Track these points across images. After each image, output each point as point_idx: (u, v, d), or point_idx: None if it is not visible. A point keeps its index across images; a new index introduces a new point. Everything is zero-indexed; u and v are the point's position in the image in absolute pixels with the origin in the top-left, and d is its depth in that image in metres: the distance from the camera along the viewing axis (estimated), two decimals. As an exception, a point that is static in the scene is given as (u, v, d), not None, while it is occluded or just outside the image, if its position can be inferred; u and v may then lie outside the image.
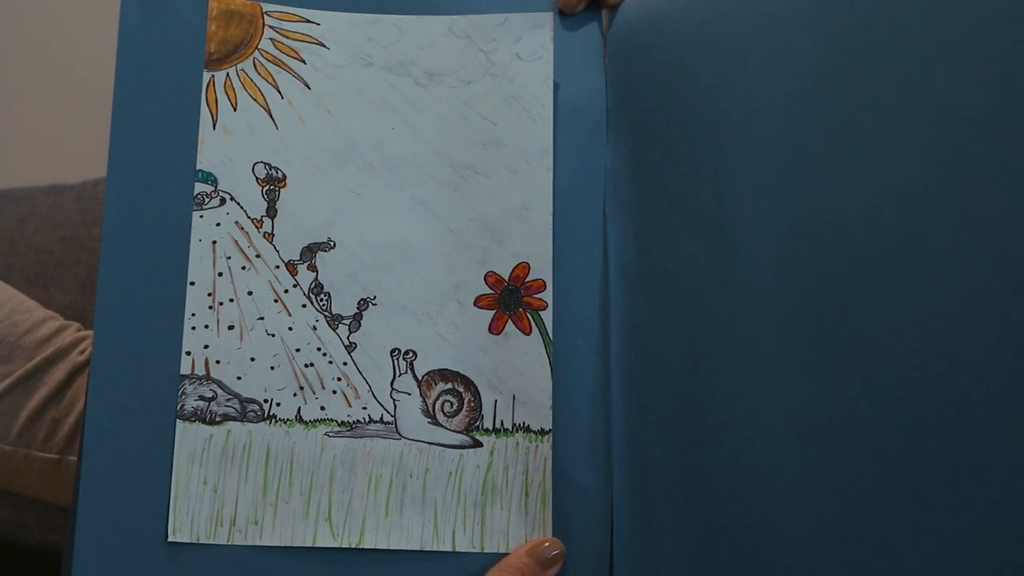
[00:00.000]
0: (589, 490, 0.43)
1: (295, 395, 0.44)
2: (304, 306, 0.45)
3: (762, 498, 0.39)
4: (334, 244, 0.45)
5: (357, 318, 0.45)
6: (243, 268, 0.45)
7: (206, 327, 0.44)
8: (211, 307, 0.44)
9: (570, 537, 0.43)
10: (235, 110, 0.46)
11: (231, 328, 0.44)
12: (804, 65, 0.41)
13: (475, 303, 0.45)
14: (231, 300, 0.44)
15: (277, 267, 0.45)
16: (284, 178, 0.46)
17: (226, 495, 0.43)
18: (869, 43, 0.39)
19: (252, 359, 0.44)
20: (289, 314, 0.45)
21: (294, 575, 0.42)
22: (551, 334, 0.45)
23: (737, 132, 0.43)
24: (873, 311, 0.37)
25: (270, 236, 0.45)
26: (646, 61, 0.46)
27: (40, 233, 0.70)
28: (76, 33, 1.08)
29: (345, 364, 0.45)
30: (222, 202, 0.45)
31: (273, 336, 0.45)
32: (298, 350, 0.45)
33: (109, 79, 0.45)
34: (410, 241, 0.46)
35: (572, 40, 0.48)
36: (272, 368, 0.44)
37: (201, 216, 0.45)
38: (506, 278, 0.45)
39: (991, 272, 0.35)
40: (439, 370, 0.45)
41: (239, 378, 0.44)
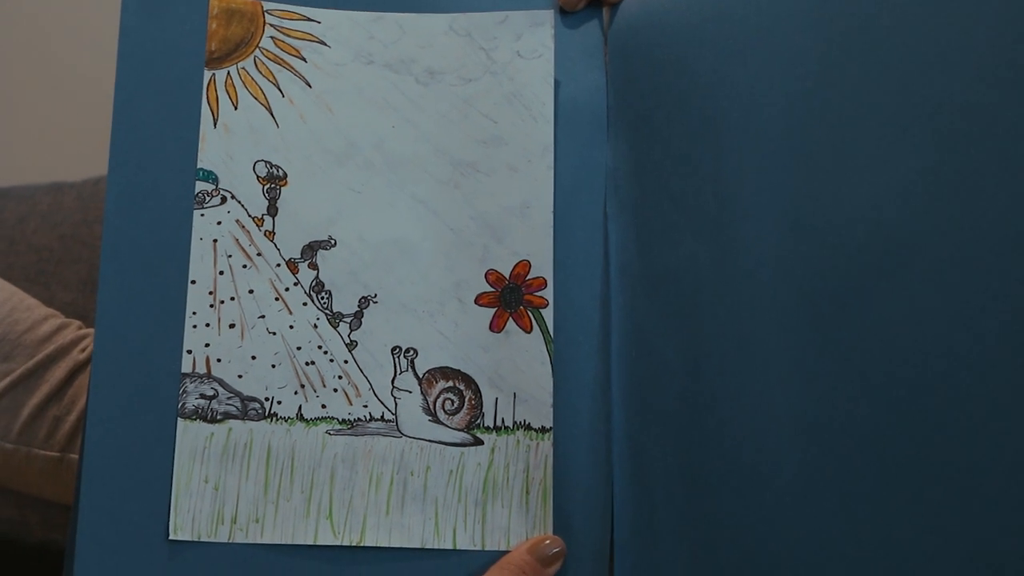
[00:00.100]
0: (590, 488, 0.43)
1: (296, 393, 0.44)
2: (305, 304, 0.45)
3: (762, 496, 0.40)
4: (335, 242, 0.45)
5: (358, 316, 0.45)
6: (244, 266, 0.45)
7: (207, 325, 0.44)
8: (212, 305, 0.44)
9: (571, 535, 0.43)
10: (236, 108, 0.46)
11: (232, 326, 0.44)
12: (804, 64, 0.41)
13: (476, 301, 0.45)
14: (232, 298, 0.44)
15: (278, 265, 0.45)
16: (285, 176, 0.46)
17: (227, 493, 0.43)
18: (869, 43, 0.39)
19: (253, 357, 0.44)
20: (290, 312, 0.45)
21: (295, 573, 0.42)
22: (552, 332, 0.45)
23: (738, 131, 0.43)
24: (873, 310, 0.37)
25: (271, 234, 0.45)
26: (647, 59, 0.46)
27: (41, 231, 0.70)
28: (77, 31, 1.08)
29: (346, 362, 0.45)
30: (223, 200, 0.45)
31: (274, 334, 0.45)
32: (299, 348, 0.45)
33: (110, 77, 0.45)
34: (411, 239, 0.46)
35: (573, 38, 0.48)
36: (273, 366, 0.44)
37: (202, 214, 0.45)
38: (507, 276, 0.45)
39: (991, 272, 0.35)
40: (440, 368, 0.45)
41: (240, 376, 0.44)
